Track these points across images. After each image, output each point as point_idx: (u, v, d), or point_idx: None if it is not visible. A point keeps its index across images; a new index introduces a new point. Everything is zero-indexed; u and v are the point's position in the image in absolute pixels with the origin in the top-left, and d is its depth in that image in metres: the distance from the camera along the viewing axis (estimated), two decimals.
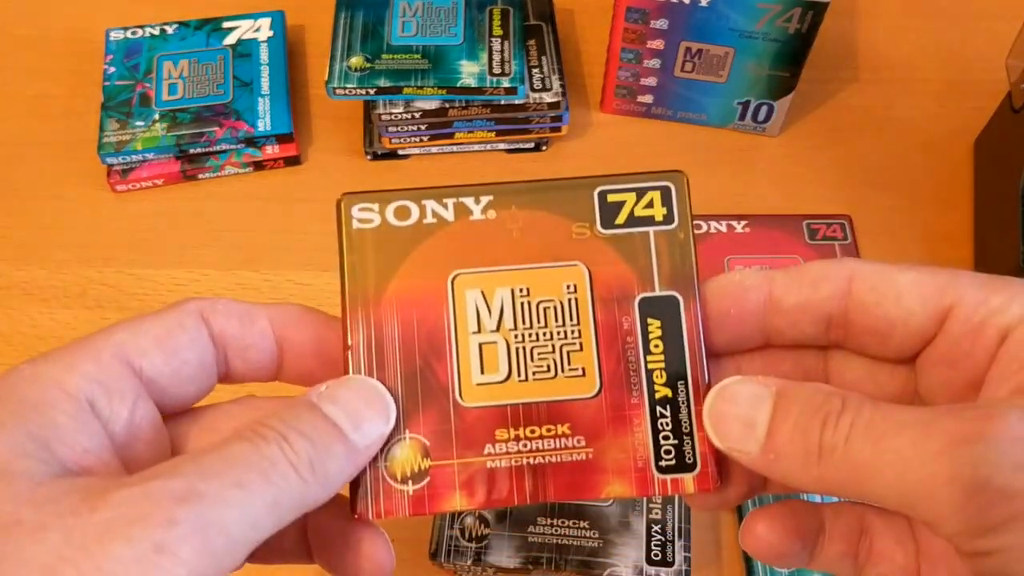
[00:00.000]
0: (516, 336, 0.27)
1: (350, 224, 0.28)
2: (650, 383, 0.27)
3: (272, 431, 0.23)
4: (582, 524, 0.41)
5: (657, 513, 0.41)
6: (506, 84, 0.55)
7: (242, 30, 0.61)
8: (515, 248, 0.28)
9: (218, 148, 0.57)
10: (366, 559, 0.26)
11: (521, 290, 0.28)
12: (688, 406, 0.27)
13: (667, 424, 0.27)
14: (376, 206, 0.28)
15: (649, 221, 0.29)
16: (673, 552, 0.40)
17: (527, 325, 0.28)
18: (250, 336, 0.27)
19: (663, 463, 0.27)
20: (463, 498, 0.26)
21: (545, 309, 0.28)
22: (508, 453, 0.27)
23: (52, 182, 0.58)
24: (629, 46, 0.57)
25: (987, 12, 0.67)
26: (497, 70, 0.55)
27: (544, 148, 0.60)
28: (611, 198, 0.29)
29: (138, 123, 0.57)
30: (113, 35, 0.61)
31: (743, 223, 0.55)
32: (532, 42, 0.59)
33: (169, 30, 0.61)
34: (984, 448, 0.20)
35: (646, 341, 0.27)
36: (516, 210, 0.28)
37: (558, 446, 0.27)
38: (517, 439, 0.27)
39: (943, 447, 0.21)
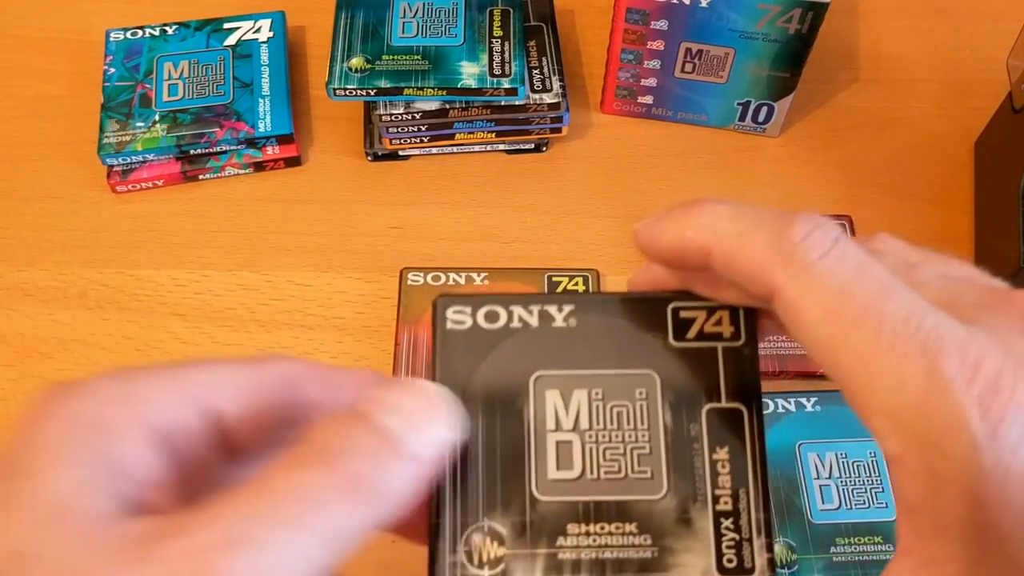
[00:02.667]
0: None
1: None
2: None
3: (316, 453, 0.22)
4: (628, 528, 0.31)
5: (727, 502, 0.31)
6: (506, 85, 0.55)
7: (242, 31, 0.61)
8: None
9: (218, 149, 0.57)
10: None
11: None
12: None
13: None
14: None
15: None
16: (752, 555, 0.30)
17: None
18: (331, 405, 0.26)
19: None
20: None
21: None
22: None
23: (52, 183, 0.58)
24: (629, 47, 0.57)
25: (987, 12, 0.67)
26: (497, 71, 0.55)
27: (544, 149, 0.60)
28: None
29: (138, 124, 0.57)
30: (113, 36, 0.61)
31: None
32: (532, 43, 0.59)
33: (169, 31, 0.61)
34: None
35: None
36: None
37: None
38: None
39: None
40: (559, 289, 0.44)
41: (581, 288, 0.45)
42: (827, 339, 0.22)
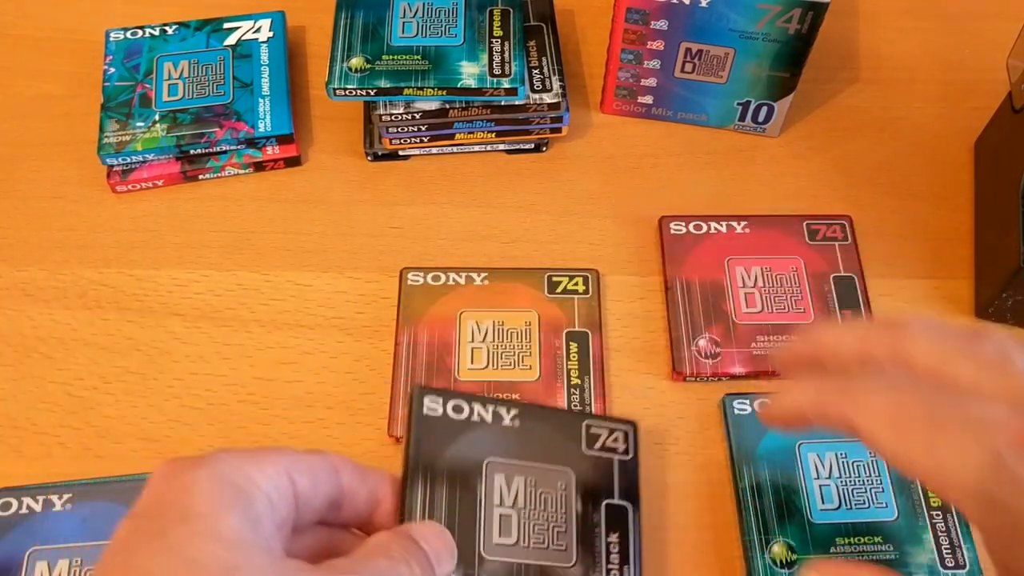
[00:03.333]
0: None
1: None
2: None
3: (400, 553, 0.32)
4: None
5: (615, 574, 0.40)
6: (506, 85, 0.55)
7: (242, 31, 0.61)
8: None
9: (218, 149, 0.57)
10: None
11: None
12: (590, 391, 0.44)
13: (576, 400, 0.43)
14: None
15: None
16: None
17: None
18: (362, 491, 0.34)
19: None
20: None
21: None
22: None
23: (52, 182, 0.58)
24: (629, 47, 0.57)
25: (987, 12, 0.67)
26: (497, 71, 0.55)
27: (544, 149, 0.60)
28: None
29: (138, 124, 0.57)
30: (113, 36, 0.61)
31: (743, 223, 0.55)
32: (532, 43, 0.59)
33: (169, 31, 0.61)
34: None
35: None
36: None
37: None
38: None
39: None
40: (559, 289, 0.51)
41: (581, 288, 0.52)
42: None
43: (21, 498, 0.44)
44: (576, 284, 0.53)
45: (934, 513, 0.45)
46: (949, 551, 0.44)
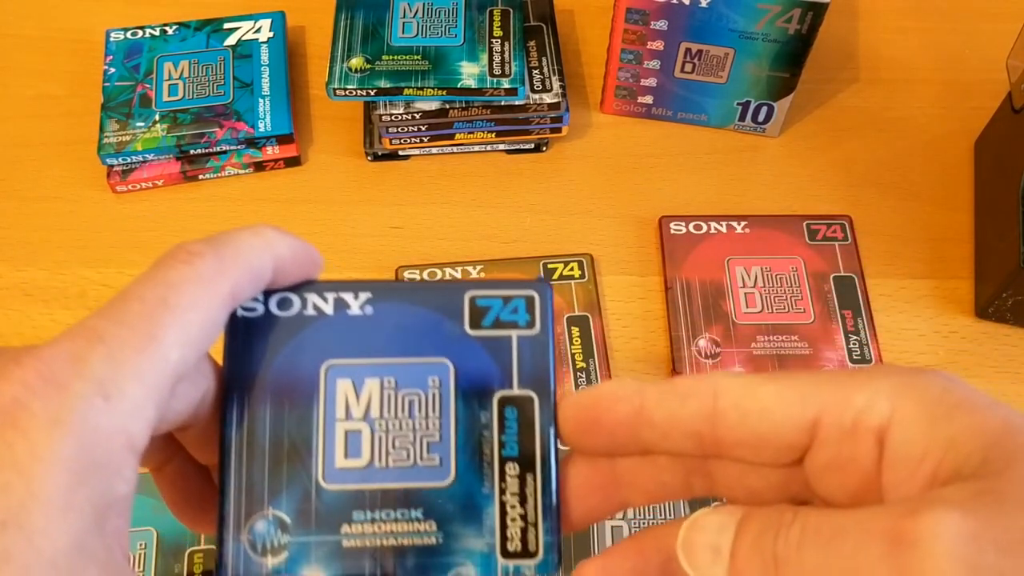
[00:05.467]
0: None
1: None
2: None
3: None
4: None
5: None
6: (506, 85, 0.55)
7: (242, 31, 0.61)
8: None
9: (218, 149, 0.57)
10: None
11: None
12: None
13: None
14: (417, 271, 0.31)
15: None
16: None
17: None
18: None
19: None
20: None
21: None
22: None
23: (52, 183, 0.58)
24: (629, 47, 0.57)
25: (987, 12, 0.67)
26: (497, 71, 0.55)
27: (544, 149, 0.60)
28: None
29: (138, 124, 0.57)
30: (113, 36, 0.61)
31: (743, 224, 0.55)
32: (532, 43, 0.59)
33: (169, 31, 0.61)
34: (919, 553, 0.21)
35: (571, 340, 0.30)
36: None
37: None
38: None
39: (882, 552, 0.21)
40: (555, 276, 0.43)
41: (577, 273, 0.45)
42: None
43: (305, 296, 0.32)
44: (572, 270, 0.53)
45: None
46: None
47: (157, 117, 0.57)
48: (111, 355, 0.23)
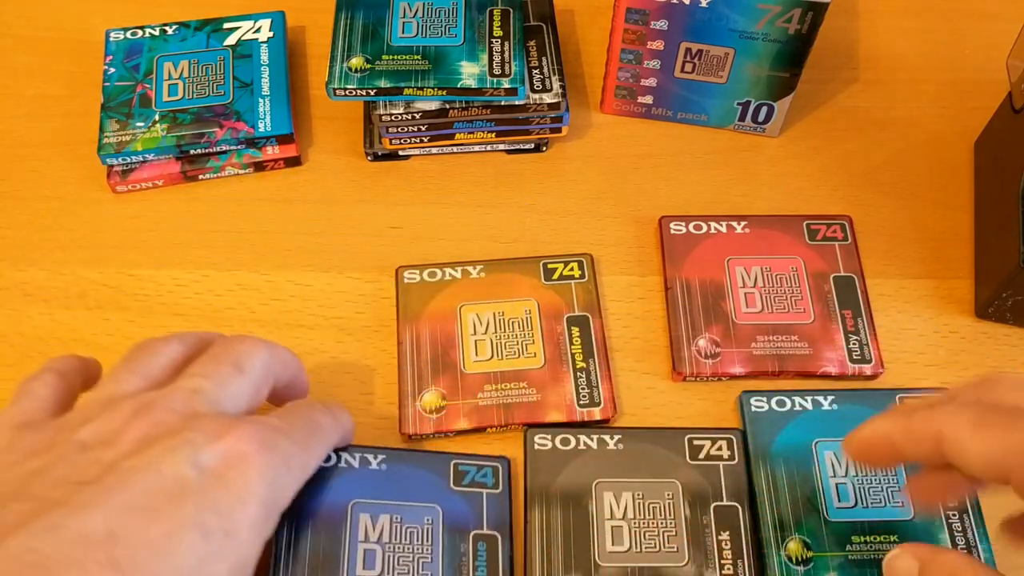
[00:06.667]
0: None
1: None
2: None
3: (316, 403, 0.43)
4: None
5: (729, 567, 0.43)
6: (506, 85, 0.55)
7: (242, 31, 0.61)
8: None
9: (218, 149, 0.57)
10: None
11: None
12: (596, 373, 0.49)
13: (583, 383, 0.49)
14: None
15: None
16: None
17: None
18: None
19: (581, 401, 0.48)
20: (465, 422, 0.47)
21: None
22: (492, 397, 0.48)
23: (52, 183, 0.58)
24: (629, 47, 0.57)
25: (987, 12, 0.67)
26: (497, 71, 0.55)
27: (544, 149, 0.60)
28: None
29: (138, 124, 0.57)
30: (113, 36, 0.61)
31: (743, 224, 0.55)
32: (532, 43, 0.59)
33: (169, 31, 0.61)
34: None
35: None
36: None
37: (520, 393, 0.48)
38: (497, 390, 0.48)
39: None
40: (555, 276, 0.53)
41: (576, 273, 0.53)
42: None
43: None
44: (571, 269, 0.53)
45: (950, 513, 0.45)
46: (964, 550, 0.44)
47: (157, 117, 0.57)
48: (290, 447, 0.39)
